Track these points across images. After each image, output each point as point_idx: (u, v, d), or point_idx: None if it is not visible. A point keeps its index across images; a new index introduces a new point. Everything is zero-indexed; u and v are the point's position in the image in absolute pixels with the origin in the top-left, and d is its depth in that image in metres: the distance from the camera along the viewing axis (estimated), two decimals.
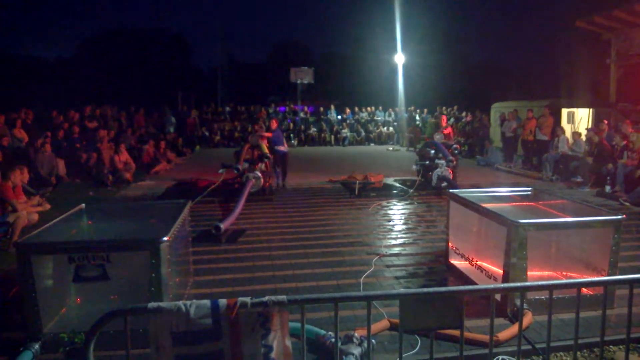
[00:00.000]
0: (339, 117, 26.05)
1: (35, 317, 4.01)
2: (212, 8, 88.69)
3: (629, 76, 16.16)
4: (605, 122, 12.87)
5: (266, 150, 10.88)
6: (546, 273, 5.30)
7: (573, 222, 4.90)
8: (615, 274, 4.62)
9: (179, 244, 4.93)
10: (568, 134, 14.46)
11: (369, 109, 26.28)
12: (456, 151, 11.82)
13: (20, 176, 8.24)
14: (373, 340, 3.96)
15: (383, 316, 4.51)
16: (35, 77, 30.51)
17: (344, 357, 3.72)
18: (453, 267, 6.02)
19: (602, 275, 4.67)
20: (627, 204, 9.69)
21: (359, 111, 26.06)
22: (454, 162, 11.33)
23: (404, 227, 8.28)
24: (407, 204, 10.00)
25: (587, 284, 3.83)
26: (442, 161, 11.05)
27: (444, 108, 24.53)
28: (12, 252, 6.36)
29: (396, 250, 6.89)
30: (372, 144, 24.50)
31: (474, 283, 5.29)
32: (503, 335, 4.10)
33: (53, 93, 25.02)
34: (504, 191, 6.52)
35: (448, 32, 41.89)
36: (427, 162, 11.33)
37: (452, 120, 22.95)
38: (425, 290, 2.75)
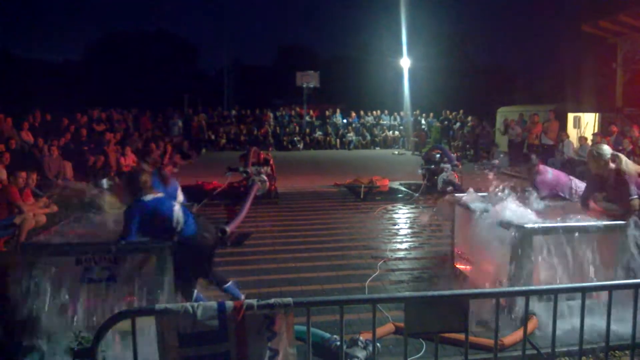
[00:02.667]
0: (345, 120, 26.08)
1: (41, 318, 4.04)
2: (219, 11, 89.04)
3: (635, 81, 16.11)
4: (614, 126, 12.85)
5: None
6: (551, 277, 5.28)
7: (579, 227, 4.89)
8: (621, 279, 4.61)
9: None
10: (574, 138, 14.42)
11: (374, 112, 26.29)
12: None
13: (25, 179, 8.28)
14: (378, 344, 3.96)
15: (388, 320, 4.52)
16: (42, 80, 30.68)
17: None
18: (458, 271, 6.01)
19: (607, 280, 4.65)
20: None
21: (364, 115, 26.08)
22: (459, 167, 11.33)
23: (409, 231, 8.28)
24: (412, 208, 9.99)
25: (593, 289, 3.82)
26: (448, 165, 11.05)
27: (448, 112, 24.50)
28: (19, 254, 6.41)
29: (401, 254, 6.90)
30: (377, 148, 24.52)
31: (479, 287, 5.28)
32: (508, 339, 4.10)
33: (60, 96, 25.15)
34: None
35: (454, 36, 41.84)
36: (433, 166, 11.33)
37: (457, 124, 22.93)
38: (430, 293, 2.76)
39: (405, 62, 26.77)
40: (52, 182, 11.47)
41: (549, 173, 6.08)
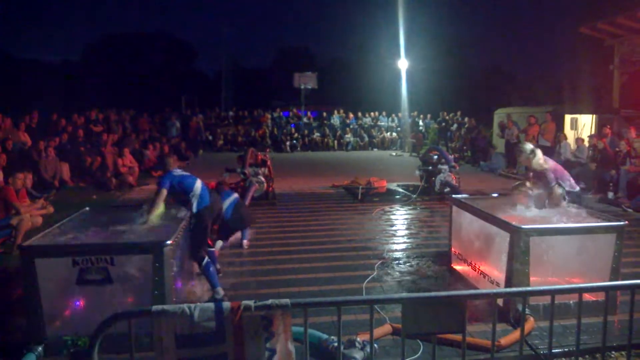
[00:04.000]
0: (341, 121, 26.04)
1: (38, 319, 4.03)
2: (217, 13, 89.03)
3: (632, 82, 16.15)
4: (608, 128, 12.87)
5: None
6: (548, 278, 5.30)
7: (575, 228, 4.90)
8: (617, 280, 4.62)
9: (183, 248, 4.95)
10: (571, 140, 14.44)
11: (372, 114, 26.29)
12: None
13: (23, 180, 8.27)
14: (375, 345, 3.96)
15: (385, 321, 4.52)
16: (40, 81, 30.62)
17: None
18: (455, 272, 6.02)
19: (604, 281, 4.66)
20: (629, 210, 9.68)
21: (362, 116, 26.07)
22: (457, 168, 11.34)
23: (406, 232, 8.29)
24: (409, 209, 10.00)
25: (589, 290, 3.83)
26: (445, 166, 11.06)
27: (445, 113, 24.51)
28: (16, 255, 6.39)
29: (399, 255, 6.90)
30: (375, 149, 24.51)
31: (476, 288, 5.29)
32: (505, 340, 4.11)
33: (58, 97, 25.13)
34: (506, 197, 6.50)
35: (451, 37, 41.89)
36: (430, 167, 11.34)
37: (455, 125, 22.94)
38: (427, 294, 2.77)
39: (402, 64, 26.77)
40: (50, 183, 11.46)
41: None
